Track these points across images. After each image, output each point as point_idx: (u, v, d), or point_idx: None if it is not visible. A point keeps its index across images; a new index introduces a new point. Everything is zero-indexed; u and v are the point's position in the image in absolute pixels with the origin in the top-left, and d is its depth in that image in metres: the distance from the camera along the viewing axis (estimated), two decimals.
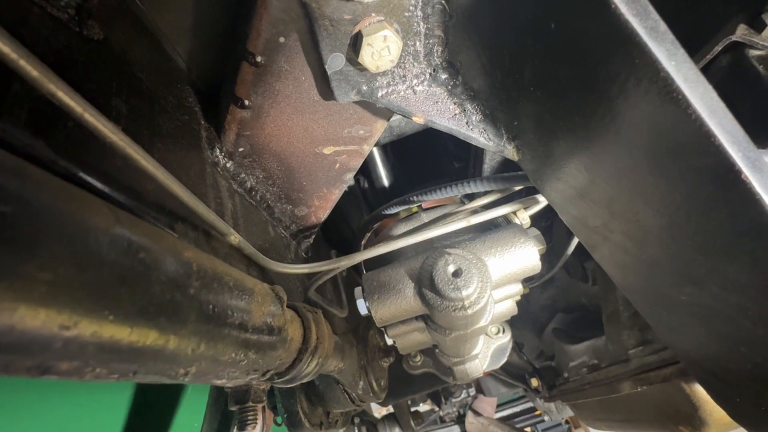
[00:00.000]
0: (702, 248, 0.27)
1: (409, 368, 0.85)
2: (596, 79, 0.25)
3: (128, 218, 0.21)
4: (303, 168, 0.49)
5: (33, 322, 0.15)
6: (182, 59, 0.45)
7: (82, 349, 0.17)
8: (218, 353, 0.26)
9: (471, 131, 0.38)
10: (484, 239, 0.49)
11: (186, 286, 0.23)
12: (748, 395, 0.34)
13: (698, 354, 0.36)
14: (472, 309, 0.43)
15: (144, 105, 0.34)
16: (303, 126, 0.44)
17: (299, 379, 0.40)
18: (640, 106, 0.24)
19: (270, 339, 0.32)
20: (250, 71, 0.38)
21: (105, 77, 0.30)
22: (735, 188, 0.22)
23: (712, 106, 0.22)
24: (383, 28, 0.31)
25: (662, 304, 0.35)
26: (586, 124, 0.28)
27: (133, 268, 0.20)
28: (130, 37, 0.36)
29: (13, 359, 0.15)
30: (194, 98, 0.45)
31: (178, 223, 0.32)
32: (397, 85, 0.36)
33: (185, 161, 0.38)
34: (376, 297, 0.47)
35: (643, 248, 0.32)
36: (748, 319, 0.28)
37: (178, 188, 0.28)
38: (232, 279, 0.29)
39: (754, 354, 0.30)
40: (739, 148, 0.22)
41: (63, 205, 0.17)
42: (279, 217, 0.56)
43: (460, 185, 0.50)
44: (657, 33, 0.22)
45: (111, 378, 0.20)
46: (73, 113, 0.21)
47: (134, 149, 0.24)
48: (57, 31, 0.27)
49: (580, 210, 0.36)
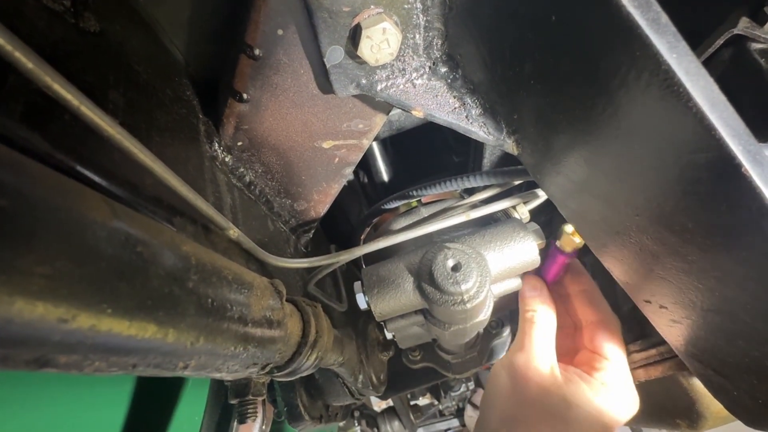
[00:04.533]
0: (701, 243, 0.27)
1: (409, 362, 0.85)
2: (597, 72, 0.25)
3: (126, 212, 0.21)
4: (302, 162, 0.49)
5: (31, 316, 0.15)
6: (180, 52, 0.45)
7: (80, 343, 0.17)
8: (217, 347, 0.26)
9: (471, 125, 0.37)
10: (483, 233, 0.49)
11: (184, 279, 0.23)
12: (745, 388, 0.34)
13: (696, 348, 0.37)
14: (471, 303, 0.43)
15: (141, 98, 0.34)
16: (302, 120, 0.43)
17: (299, 372, 0.40)
18: (641, 99, 0.24)
19: (269, 332, 0.33)
20: (249, 64, 0.38)
21: (102, 70, 0.30)
22: (735, 182, 0.22)
23: (713, 99, 0.22)
24: (382, 20, 0.31)
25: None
26: (587, 118, 0.28)
27: (131, 261, 0.20)
28: (127, 30, 0.36)
29: (12, 352, 0.15)
30: (192, 92, 0.45)
31: (176, 217, 0.31)
32: (397, 79, 0.36)
33: (183, 155, 0.37)
34: (376, 291, 0.47)
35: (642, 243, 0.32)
36: (746, 312, 0.28)
37: (176, 182, 0.28)
38: (231, 273, 0.29)
39: (752, 348, 0.30)
40: (740, 142, 0.22)
41: (60, 198, 0.17)
42: (278, 211, 0.56)
43: (459, 180, 0.50)
44: (658, 25, 0.22)
45: (110, 371, 0.20)
46: (70, 106, 0.20)
47: (132, 143, 0.24)
48: (52, 22, 0.27)
49: (580, 204, 0.36)
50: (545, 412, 0.46)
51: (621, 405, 0.47)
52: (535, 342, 0.49)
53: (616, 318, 0.51)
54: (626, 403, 0.47)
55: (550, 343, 0.50)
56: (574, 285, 0.53)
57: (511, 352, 0.51)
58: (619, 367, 0.49)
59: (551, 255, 0.51)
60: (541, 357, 0.49)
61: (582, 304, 0.52)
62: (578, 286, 0.53)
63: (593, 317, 0.51)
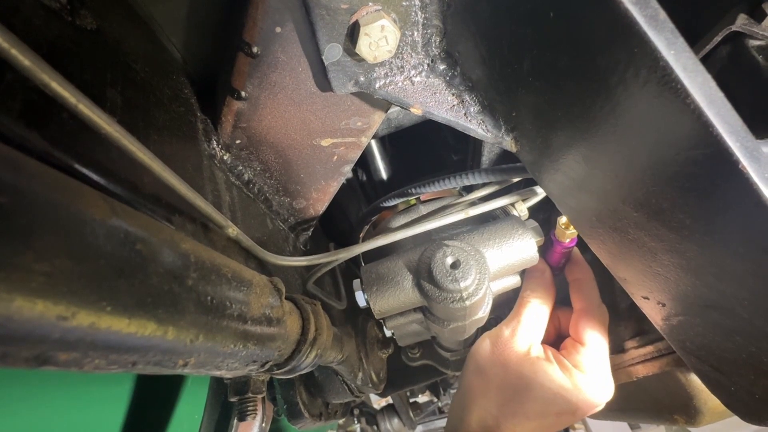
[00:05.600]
0: (699, 239, 0.27)
1: (408, 360, 0.86)
2: (595, 68, 0.25)
3: (125, 210, 0.21)
4: (301, 160, 0.49)
5: (30, 313, 0.15)
6: (177, 50, 0.45)
7: (80, 340, 0.17)
8: (217, 344, 0.26)
9: (469, 122, 0.37)
10: (482, 231, 0.49)
11: (184, 277, 0.23)
12: (742, 384, 0.35)
13: (693, 344, 0.37)
14: (470, 300, 0.44)
15: (139, 96, 0.33)
16: (300, 118, 0.43)
17: (298, 370, 0.40)
18: (639, 95, 0.24)
19: (269, 330, 0.33)
20: (246, 62, 0.38)
21: (99, 68, 0.30)
22: (732, 178, 0.22)
23: (711, 96, 0.22)
24: (380, 17, 0.31)
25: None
26: (585, 115, 0.28)
27: (131, 259, 0.20)
28: (124, 28, 0.36)
29: (12, 350, 0.15)
30: (190, 90, 0.44)
31: (175, 216, 0.31)
32: (395, 76, 0.36)
33: (182, 153, 0.37)
34: (375, 289, 0.47)
35: (641, 240, 0.32)
36: (743, 309, 0.28)
37: (175, 180, 0.28)
38: (231, 271, 0.29)
39: (749, 343, 0.31)
40: (737, 138, 0.22)
41: (59, 196, 0.17)
42: (277, 209, 0.56)
43: (458, 177, 0.50)
44: (656, 22, 0.22)
45: (110, 369, 0.20)
46: (68, 104, 0.20)
47: (130, 141, 0.24)
48: (49, 20, 0.27)
49: (578, 202, 0.36)
50: (512, 380, 0.49)
51: (592, 389, 0.49)
52: (523, 319, 0.52)
53: (603, 308, 0.53)
54: (598, 388, 0.49)
55: (537, 324, 0.53)
56: (569, 274, 0.55)
57: (500, 325, 0.55)
58: (596, 353, 0.51)
59: (550, 245, 0.53)
60: (524, 333, 0.52)
61: (572, 292, 0.55)
62: (572, 275, 0.55)
63: (580, 305, 0.53)
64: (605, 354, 0.51)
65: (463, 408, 0.52)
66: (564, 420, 0.48)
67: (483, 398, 0.51)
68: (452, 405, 0.56)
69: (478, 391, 0.51)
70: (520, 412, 0.48)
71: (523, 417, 0.48)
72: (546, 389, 0.48)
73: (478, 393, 0.51)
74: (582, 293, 0.53)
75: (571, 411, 0.48)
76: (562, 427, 0.49)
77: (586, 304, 0.53)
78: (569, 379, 0.49)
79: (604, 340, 0.52)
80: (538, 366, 0.49)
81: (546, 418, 0.48)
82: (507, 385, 0.49)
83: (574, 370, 0.49)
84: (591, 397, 0.48)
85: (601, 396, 0.49)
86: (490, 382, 0.51)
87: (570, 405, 0.48)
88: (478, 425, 0.50)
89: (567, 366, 0.50)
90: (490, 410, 0.49)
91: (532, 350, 0.51)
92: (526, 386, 0.49)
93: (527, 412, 0.48)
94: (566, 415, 0.48)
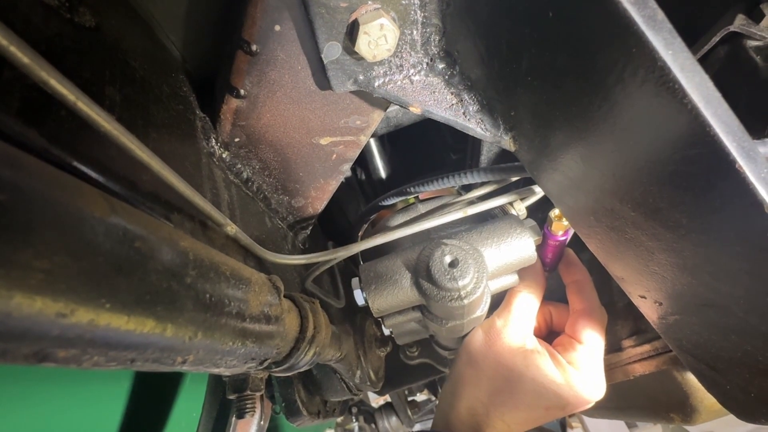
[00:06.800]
0: (695, 238, 0.27)
1: (406, 358, 0.86)
2: (593, 68, 0.25)
3: (124, 207, 0.21)
4: (299, 159, 0.49)
5: (30, 310, 0.15)
6: (176, 48, 0.45)
7: (79, 337, 0.17)
8: (216, 342, 0.26)
9: (468, 121, 0.37)
10: (480, 230, 0.49)
11: (183, 275, 0.23)
12: (738, 382, 0.35)
13: (690, 343, 0.37)
14: (469, 299, 0.44)
15: (138, 94, 0.33)
16: (299, 116, 0.43)
17: (297, 368, 0.40)
18: (637, 95, 0.24)
19: (267, 328, 0.33)
20: (246, 60, 0.38)
21: (98, 65, 0.30)
22: (729, 178, 0.22)
23: (709, 95, 0.22)
24: (380, 16, 0.31)
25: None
26: (583, 114, 0.28)
27: (129, 256, 0.20)
28: (123, 25, 0.36)
29: (11, 346, 0.15)
30: (189, 88, 0.44)
31: (174, 214, 0.31)
32: (394, 75, 0.36)
33: (180, 151, 0.37)
34: (373, 287, 0.48)
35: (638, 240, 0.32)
36: (739, 307, 0.29)
37: (173, 178, 0.28)
38: (229, 269, 0.29)
39: (745, 342, 0.31)
40: (734, 138, 0.22)
41: (58, 193, 0.17)
42: (276, 208, 0.56)
43: (456, 176, 0.50)
44: (654, 22, 0.22)
45: (109, 366, 0.20)
46: (66, 102, 0.20)
47: (129, 138, 0.24)
48: (47, 17, 0.27)
49: (576, 201, 0.36)
50: (504, 371, 0.50)
51: (584, 386, 0.49)
52: (514, 310, 0.53)
53: (602, 310, 0.54)
54: (590, 386, 0.50)
55: (528, 317, 0.53)
56: (566, 276, 0.56)
57: (492, 316, 0.55)
58: (591, 352, 0.51)
59: (545, 239, 0.53)
60: (517, 326, 0.52)
61: (571, 294, 0.55)
62: (570, 277, 0.55)
63: (580, 306, 0.54)
64: (600, 354, 0.52)
65: (454, 395, 0.53)
66: (552, 414, 0.49)
67: (474, 387, 0.51)
68: (442, 393, 0.56)
69: (470, 380, 0.52)
70: (509, 402, 0.48)
71: (512, 407, 0.48)
72: (537, 382, 0.48)
73: (469, 382, 0.52)
74: (582, 295, 0.54)
75: (560, 406, 0.48)
76: (550, 420, 0.50)
77: (587, 305, 0.53)
78: (562, 374, 0.49)
79: (602, 341, 0.52)
80: (531, 359, 0.50)
81: (535, 410, 0.48)
82: (498, 376, 0.50)
83: (568, 366, 0.50)
84: (582, 394, 0.49)
85: (592, 394, 0.50)
86: (482, 372, 0.51)
87: (560, 400, 0.48)
88: (467, 412, 0.50)
89: (561, 361, 0.50)
90: (481, 398, 0.50)
91: (527, 343, 0.52)
92: (518, 377, 0.49)
93: (517, 403, 0.48)
94: (555, 409, 0.48)
